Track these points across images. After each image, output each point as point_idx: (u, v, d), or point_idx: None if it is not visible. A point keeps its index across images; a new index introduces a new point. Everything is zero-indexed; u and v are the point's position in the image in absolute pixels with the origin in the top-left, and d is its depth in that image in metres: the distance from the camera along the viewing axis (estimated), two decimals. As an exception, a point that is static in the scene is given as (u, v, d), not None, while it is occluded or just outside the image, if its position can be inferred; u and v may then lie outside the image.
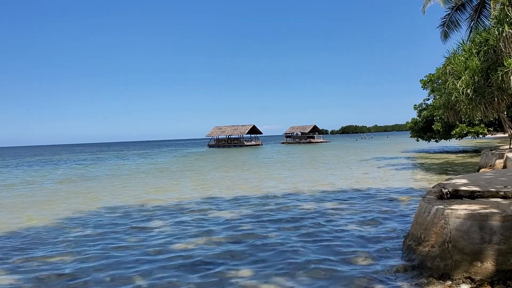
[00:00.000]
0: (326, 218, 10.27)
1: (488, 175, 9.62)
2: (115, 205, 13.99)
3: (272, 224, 9.91)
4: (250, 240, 8.39)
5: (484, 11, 21.35)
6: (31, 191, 19.91)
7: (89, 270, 6.93)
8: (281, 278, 6.13)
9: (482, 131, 37.11)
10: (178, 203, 13.98)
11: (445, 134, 37.85)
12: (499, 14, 7.60)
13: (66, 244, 8.76)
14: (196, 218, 11.17)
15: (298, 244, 7.97)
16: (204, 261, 7.14)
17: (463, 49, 8.95)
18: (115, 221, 11.14)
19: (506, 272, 5.06)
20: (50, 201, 16.09)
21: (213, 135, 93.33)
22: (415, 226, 6.58)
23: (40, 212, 13.45)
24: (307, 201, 13.16)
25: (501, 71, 7.32)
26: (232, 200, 14.18)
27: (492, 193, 6.85)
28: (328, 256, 7.12)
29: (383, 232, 8.53)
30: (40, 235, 9.77)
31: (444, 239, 5.57)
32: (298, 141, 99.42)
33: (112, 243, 8.75)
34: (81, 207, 13.81)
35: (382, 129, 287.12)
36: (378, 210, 11.04)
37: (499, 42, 7.36)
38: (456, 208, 5.79)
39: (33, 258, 7.80)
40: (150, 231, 9.77)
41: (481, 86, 8.10)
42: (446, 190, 7.12)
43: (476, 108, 8.40)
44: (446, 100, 9.60)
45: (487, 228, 5.26)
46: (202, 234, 9.16)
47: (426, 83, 37.72)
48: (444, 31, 22.94)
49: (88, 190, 19.36)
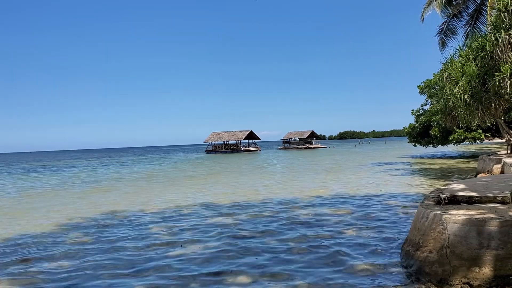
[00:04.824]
0: (323, 224, 10.24)
1: (486, 180, 9.63)
2: (108, 212, 13.93)
3: (269, 229, 9.87)
4: (245, 244, 8.37)
5: (480, 18, 21.49)
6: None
7: (83, 276, 6.89)
8: (280, 285, 6.10)
9: (479, 136, 37.23)
10: (177, 209, 13.94)
11: (443, 140, 37.94)
12: (495, 20, 7.64)
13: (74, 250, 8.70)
14: (193, 223, 11.13)
15: (295, 250, 7.94)
16: (203, 266, 7.11)
17: (460, 54, 8.98)
18: (108, 227, 11.09)
19: (504, 278, 5.04)
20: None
21: (210, 140, 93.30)
22: (413, 231, 6.57)
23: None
24: (305, 207, 13.14)
25: (498, 77, 7.35)
26: (229, 206, 14.13)
27: (490, 199, 6.85)
28: (325, 262, 7.09)
29: (381, 238, 8.51)
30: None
31: (442, 244, 5.56)
32: (296, 146, 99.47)
33: (109, 248, 8.71)
34: (79, 213, 13.77)
35: (380, 135, 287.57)
36: (376, 216, 11.02)
37: (495, 48, 7.39)
38: (454, 213, 5.79)
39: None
40: (148, 235, 9.74)
41: (478, 91, 8.12)
42: (444, 196, 7.12)
43: (473, 113, 8.41)
44: (443, 106, 9.60)
45: (485, 233, 5.26)
46: (196, 241, 9.13)
47: (424, 88, 37.87)
48: (442, 39, 23.06)
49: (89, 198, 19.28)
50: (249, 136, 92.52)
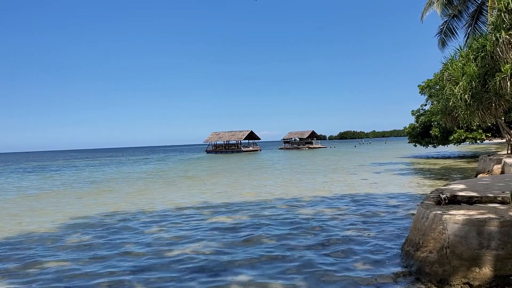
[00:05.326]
0: (324, 224, 10.24)
1: (486, 180, 9.62)
2: (105, 212, 13.94)
3: (269, 229, 9.87)
4: (247, 245, 8.36)
5: (481, 17, 21.47)
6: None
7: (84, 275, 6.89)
8: (279, 283, 6.10)
9: (480, 136, 37.21)
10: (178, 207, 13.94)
11: (443, 140, 37.92)
12: (496, 20, 7.63)
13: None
14: (192, 224, 11.14)
15: (295, 249, 7.94)
16: (202, 266, 7.12)
17: (461, 54, 8.98)
18: (109, 224, 11.10)
19: (504, 278, 5.04)
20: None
21: (211, 140, 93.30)
22: (413, 231, 6.56)
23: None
24: (305, 207, 13.14)
25: (499, 77, 7.34)
26: (228, 206, 14.13)
27: (490, 199, 6.84)
28: (325, 262, 7.09)
29: (381, 238, 8.51)
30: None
31: (442, 244, 5.56)
32: (296, 146, 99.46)
33: (110, 247, 8.72)
34: (87, 211, 13.77)
35: (380, 135, 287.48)
36: (376, 216, 11.02)
37: (496, 48, 7.39)
38: (454, 213, 5.78)
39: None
40: (147, 235, 9.74)
41: (478, 91, 8.11)
42: (444, 196, 7.11)
43: (473, 113, 8.40)
44: (443, 106, 9.60)
45: (485, 233, 5.25)
46: (200, 240, 9.13)
47: (424, 88, 37.86)
48: (442, 39, 23.02)
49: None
50: (249, 136, 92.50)
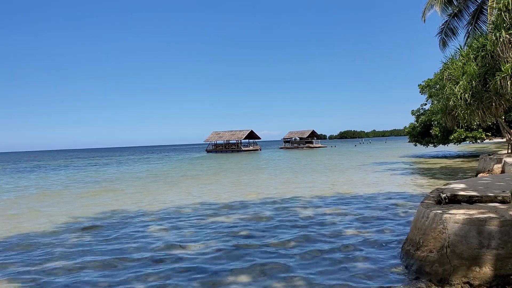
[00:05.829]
0: (324, 223, 10.24)
1: (486, 180, 9.62)
2: (105, 212, 13.95)
3: (269, 229, 9.87)
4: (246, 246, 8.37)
5: (481, 17, 21.47)
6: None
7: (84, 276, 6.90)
8: (279, 284, 6.11)
9: (480, 136, 37.20)
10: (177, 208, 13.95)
11: (443, 139, 37.91)
12: (496, 20, 7.64)
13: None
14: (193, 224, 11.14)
15: (295, 249, 7.94)
16: (202, 265, 7.12)
17: (461, 54, 8.98)
18: (109, 224, 11.10)
19: (505, 277, 5.04)
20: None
21: (211, 140, 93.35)
22: (414, 231, 6.56)
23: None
24: (305, 206, 13.14)
25: (499, 76, 7.35)
26: (228, 205, 14.14)
27: (490, 198, 6.84)
28: (325, 261, 7.09)
29: (381, 237, 8.51)
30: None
31: (443, 244, 5.56)
32: (297, 146, 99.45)
33: (111, 248, 8.72)
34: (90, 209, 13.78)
35: (381, 134, 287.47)
36: (376, 216, 11.02)
37: (496, 48, 7.39)
38: (454, 213, 5.78)
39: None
40: (148, 235, 9.75)
41: (478, 91, 8.12)
42: (444, 195, 7.11)
43: (474, 113, 8.41)
44: (444, 105, 9.61)
45: (485, 233, 5.25)
46: (202, 239, 9.14)
47: (424, 88, 37.85)
48: (442, 38, 23.03)
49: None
50: (250, 135, 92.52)
